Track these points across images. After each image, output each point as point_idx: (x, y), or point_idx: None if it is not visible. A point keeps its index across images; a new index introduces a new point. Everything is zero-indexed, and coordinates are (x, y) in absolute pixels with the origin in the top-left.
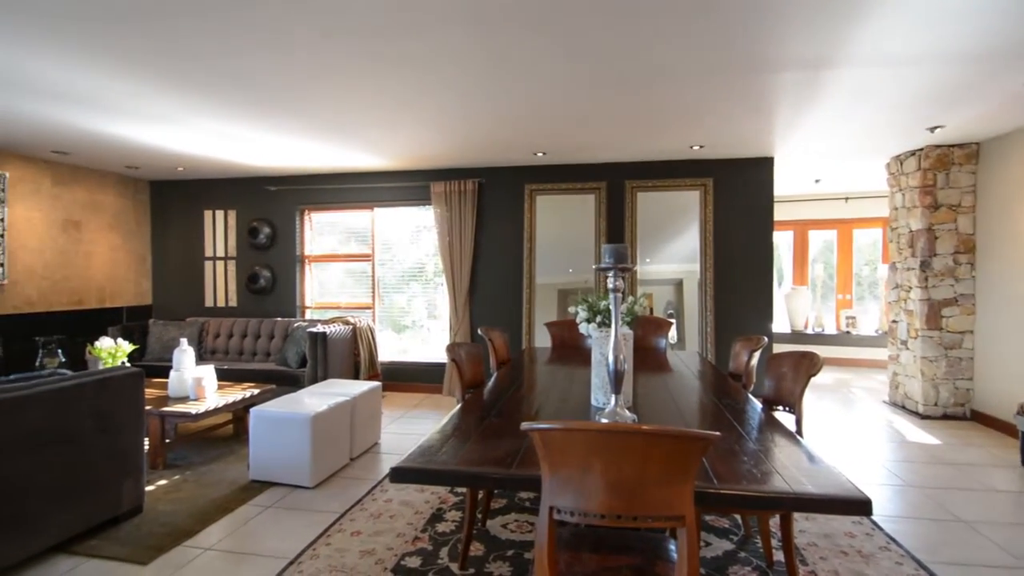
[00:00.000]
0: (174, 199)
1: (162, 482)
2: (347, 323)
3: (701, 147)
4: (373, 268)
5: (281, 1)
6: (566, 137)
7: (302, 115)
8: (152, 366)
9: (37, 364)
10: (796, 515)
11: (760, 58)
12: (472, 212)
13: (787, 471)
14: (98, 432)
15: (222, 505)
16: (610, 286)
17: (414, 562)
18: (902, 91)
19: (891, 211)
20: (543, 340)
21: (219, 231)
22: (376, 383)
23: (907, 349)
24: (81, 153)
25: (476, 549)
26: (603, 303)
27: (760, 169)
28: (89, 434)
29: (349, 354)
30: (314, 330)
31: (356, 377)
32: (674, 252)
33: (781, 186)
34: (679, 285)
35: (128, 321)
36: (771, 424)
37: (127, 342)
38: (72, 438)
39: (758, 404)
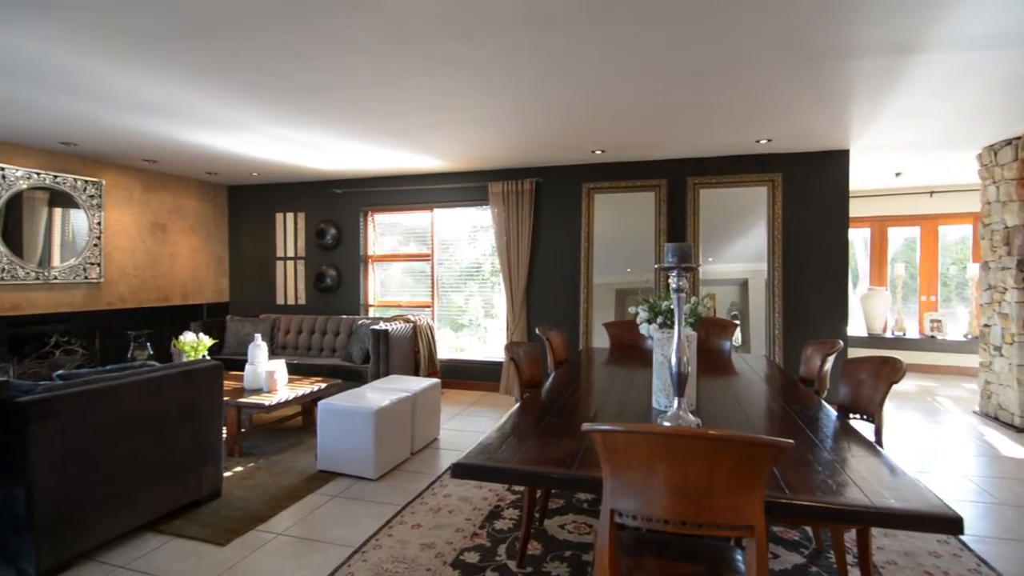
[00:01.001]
0: (249, 203)
1: (238, 469)
2: (408, 321)
3: (769, 141)
4: (432, 267)
5: (344, 12)
6: (625, 134)
7: (365, 120)
8: (229, 359)
9: (129, 356)
10: (874, 530)
11: (837, 45)
12: (529, 212)
13: (866, 483)
14: (183, 420)
15: (292, 493)
16: (673, 286)
17: (472, 557)
18: (997, 76)
19: (983, 205)
20: (601, 341)
21: (289, 232)
22: (435, 380)
23: (1001, 356)
24: (167, 161)
25: (534, 548)
26: (665, 303)
27: (834, 163)
28: (175, 422)
29: (410, 351)
30: (377, 328)
31: (416, 374)
32: (739, 251)
33: (857, 180)
34: (744, 285)
35: (208, 317)
36: (847, 433)
37: (207, 337)
38: (160, 425)
39: (832, 411)
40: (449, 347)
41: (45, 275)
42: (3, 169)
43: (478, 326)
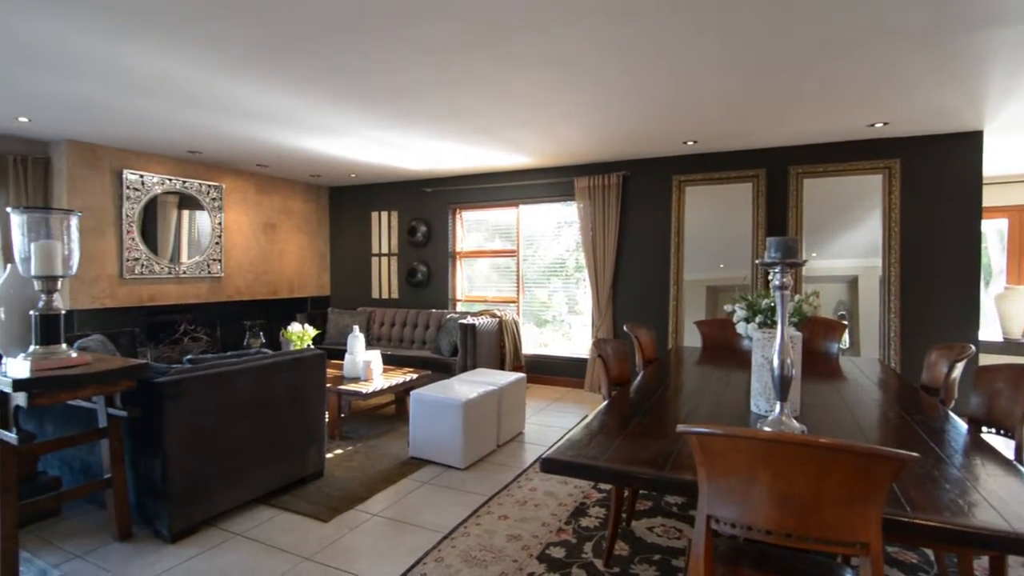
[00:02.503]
0: (348, 202)
1: (338, 451)
2: (494, 316)
3: (885, 124)
4: (518, 263)
5: (430, 18)
6: (719, 123)
7: (453, 120)
8: (330, 349)
9: (244, 343)
10: (1011, 559)
11: (968, 13)
12: (616, 206)
13: (1005, 505)
14: (291, 404)
15: (386, 476)
16: (776, 283)
17: (558, 553)
18: None
19: None
20: (691, 340)
21: (383, 230)
22: (521, 375)
23: None
24: (277, 165)
25: (621, 548)
26: (764, 301)
27: (964, 146)
28: (285, 405)
29: (496, 345)
30: (464, 322)
31: (501, 368)
32: (847, 245)
33: (991, 165)
34: (853, 283)
35: (311, 309)
36: (980, 448)
37: (311, 327)
38: (272, 407)
39: (962, 424)
40: (533, 342)
41: (175, 270)
42: (142, 176)
43: (561, 322)
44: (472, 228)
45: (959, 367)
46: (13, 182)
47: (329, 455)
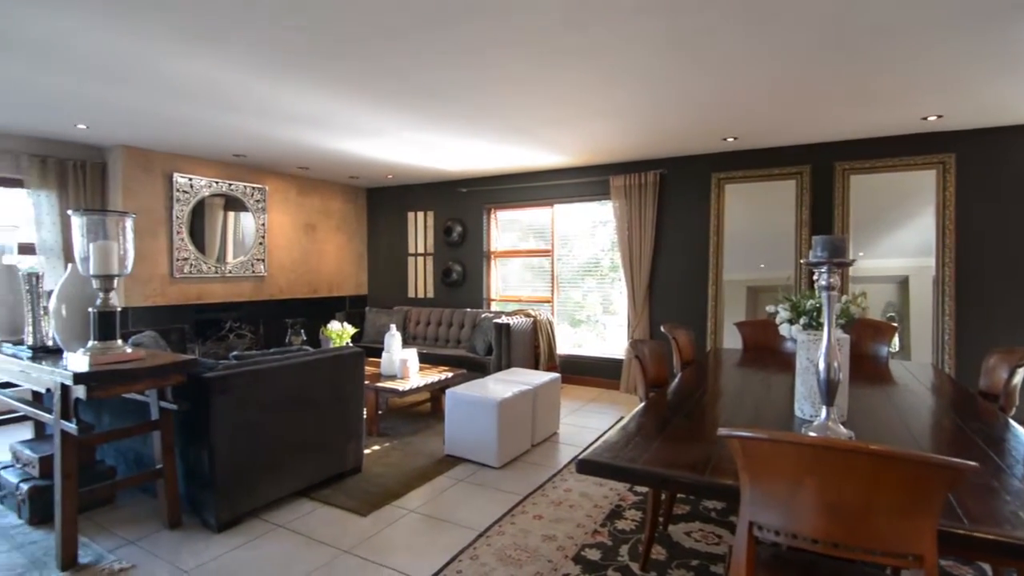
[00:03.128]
0: (385, 203)
1: (375, 447)
2: (528, 315)
3: (939, 117)
4: (552, 263)
5: (468, 19)
6: (762, 118)
7: (490, 120)
8: (368, 347)
9: (286, 340)
10: None
11: None
12: (653, 205)
13: None
14: (331, 400)
15: (422, 474)
16: (822, 283)
17: (594, 555)
18: None
19: None
20: (731, 341)
21: (419, 230)
22: (555, 375)
23: None
24: (317, 167)
25: (657, 553)
26: (809, 302)
27: None
28: (325, 401)
29: (530, 345)
30: (499, 321)
31: (535, 367)
32: (896, 244)
33: None
34: (903, 283)
35: (350, 308)
36: None
37: (350, 326)
38: (313, 403)
39: None
40: (567, 342)
41: (222, 269)
42: (191, 179)
43: (596, 322)
44: (506, 228)
45: (1021, 372)
46: (73, 186)
47: (367, 451)
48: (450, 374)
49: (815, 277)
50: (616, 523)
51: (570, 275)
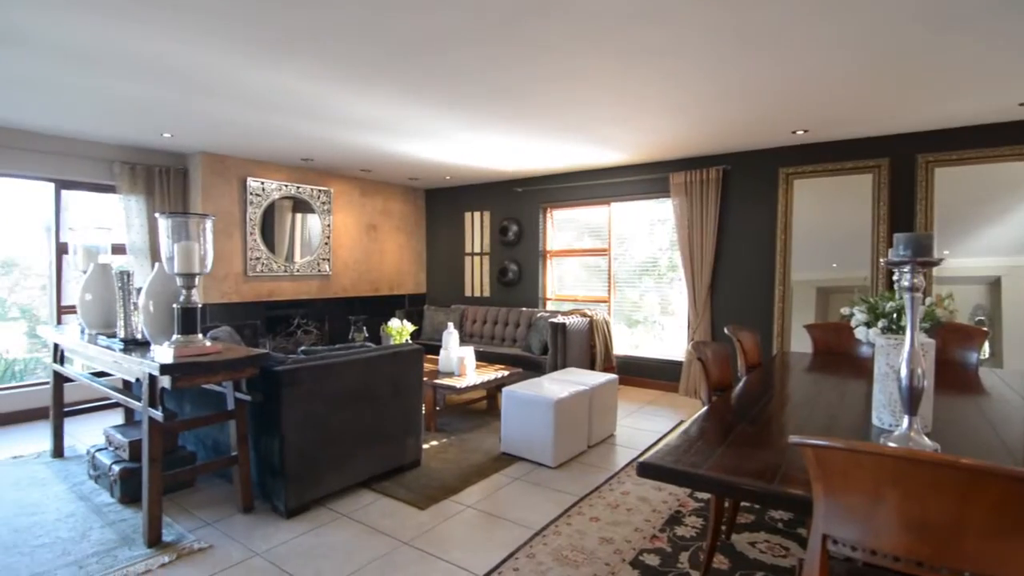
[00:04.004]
0: (442, 204)
1: (433, 443)
2: (584, 315)
3: None
4: (609, 262)
5: (533, 16)
6: (836, 109)
7: (549, 119)
8: (426, 344)
9: (350, 337)
10: None
11: None
12: (715, 202)
13: None
14: (392, 395)
15: (479, 470)
16: (905, 284)
17: (652, 560)
18: None
19: None
20: (799, 345)
21: (476, 230)
22: (613, 376)
23: None
24: (379, 170)
25: (720, 562)
26: (889, 304)
27: None
28: (386, 396)
29: (586, 345)
30: (555, 321)
31: (592, 368)
32: (987, 242)
33: None
34: (995, 284)
35: (409, 306)
36: None
37: (409, 323)
38: (374, 398)
39: None
40: (624, 343)
41: (290, 268)
42: (263, 183)
43: (653, 323)
44: (562, 227)
45: None
46: (158, 191)
47: (425, 446)
48: (506, 372)
49: (896, 277)
50: (676, 529)
51: (627, 275)
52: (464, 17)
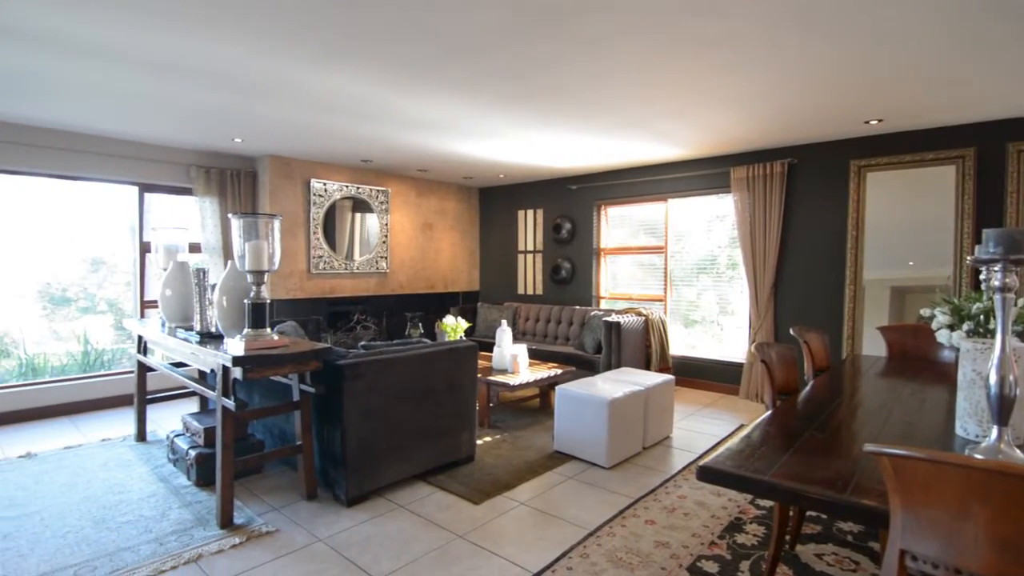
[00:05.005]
0: (496, 202)
1: (487, 439)
2: (639, 314)
3: None
4: (666, 260)
5: (586, 10)
6: (913, 96)
7: (602, 115)
8: (480, 341)
9: (406, 333)
10: None
11: None
12: (779, 197)
13: None
14: (447, 390)
15: (532, 467)
16: (995, 284)
17: (711, 567)
18: None
19: None
20: (871, 348)
21: (529, 228)
22: (669, 377)
23: None
24: (434, 169)
25: (783, 572)
26: (976, 305)
27: None
28: (442, 391)
29: (641, 345)
30: (609, 319)
31: (647, 368)
32: None
33: None
34: None
35: (463, 303)
36: None
37: (463, 320)
38: (431, 392)
39: None
40: (680, 344)
41: (350, 266)
42: (325, 184)
43: (711, 323)
44: (616, 224)
45: None
46: (231, 192)
47: (479, 441)
48: (559, 371)
49: (984, 276)
50: (736, 536)
51: (683, 273)
52: (508, 15)
